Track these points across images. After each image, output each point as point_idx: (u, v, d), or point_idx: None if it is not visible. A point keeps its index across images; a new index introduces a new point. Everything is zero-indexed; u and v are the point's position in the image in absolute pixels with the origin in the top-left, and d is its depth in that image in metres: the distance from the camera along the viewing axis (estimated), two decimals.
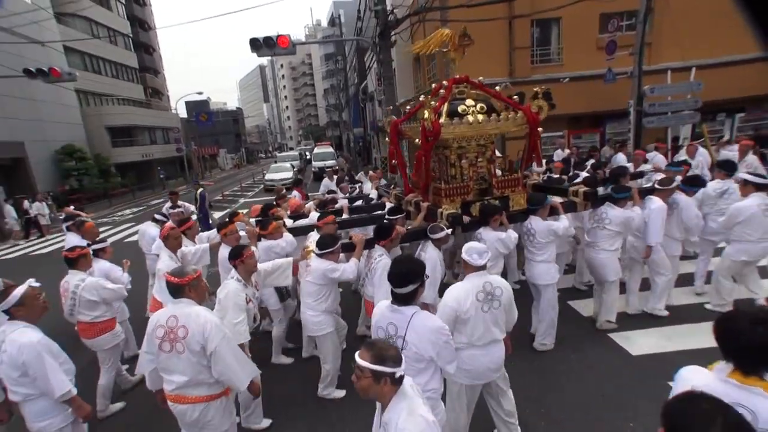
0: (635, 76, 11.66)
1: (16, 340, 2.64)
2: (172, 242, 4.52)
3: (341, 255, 4.01)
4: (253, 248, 3.83)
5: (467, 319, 2.81)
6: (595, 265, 4.77)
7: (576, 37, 13.61)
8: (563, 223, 4.45)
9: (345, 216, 5.83)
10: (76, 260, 4.04)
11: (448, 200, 4.63)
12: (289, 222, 5.28)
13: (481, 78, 4.97)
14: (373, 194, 7.06)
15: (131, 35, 37.16)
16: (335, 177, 10.51)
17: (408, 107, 5.44)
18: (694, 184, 5.14)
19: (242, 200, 20.37)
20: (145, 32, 41.97)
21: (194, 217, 8.26)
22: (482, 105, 4.60)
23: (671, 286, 5.07)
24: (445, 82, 4.75)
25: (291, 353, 4.94)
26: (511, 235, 4.34)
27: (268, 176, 23.74)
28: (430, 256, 3.89)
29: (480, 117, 4.43)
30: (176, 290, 2.63)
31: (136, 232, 14.00)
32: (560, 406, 3.68)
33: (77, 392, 2.84)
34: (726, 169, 5.39)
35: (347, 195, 7.64)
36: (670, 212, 4.85)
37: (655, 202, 4.73)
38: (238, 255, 3.46)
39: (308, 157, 35.43)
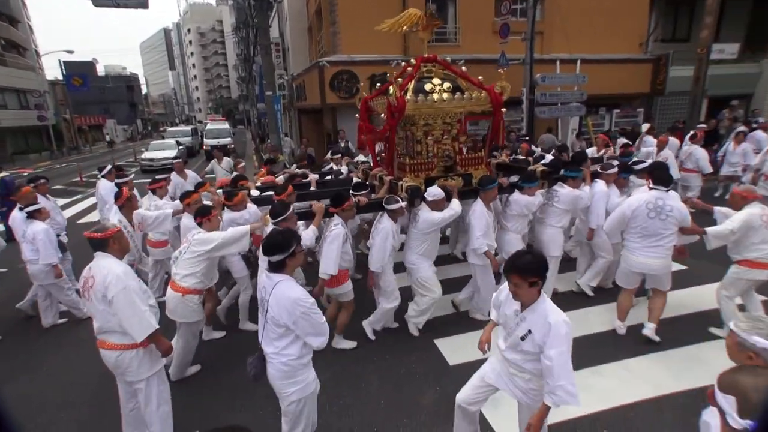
0: (527, 63, 11.21)
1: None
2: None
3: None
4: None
5: None
6: (542, 240, 4.98)
7: (472, 17, 12.77)
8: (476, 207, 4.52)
9: (313, 188, 5.87)
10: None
11: (411, 175, 4.79)
12: (255, 194, 5.35)
13: (447, 57, 5.05)
14: (344, 170, 7.21)
15: None
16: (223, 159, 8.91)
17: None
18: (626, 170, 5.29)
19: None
20: None
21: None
22: (449, 84, 4.74)
23: (610, 268, 5.18)
24: (413, 60, 4.95)
25: None
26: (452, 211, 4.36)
27: (146, 155, 20.26)
28: (384, 226, 4.17)
29: (445, 95, 4.57)
30: (99, 244, 2.79)
31: None
32: None
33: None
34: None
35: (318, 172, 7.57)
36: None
37: (598, 186, 4.91)
38: (206, 213, 3.85)
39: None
